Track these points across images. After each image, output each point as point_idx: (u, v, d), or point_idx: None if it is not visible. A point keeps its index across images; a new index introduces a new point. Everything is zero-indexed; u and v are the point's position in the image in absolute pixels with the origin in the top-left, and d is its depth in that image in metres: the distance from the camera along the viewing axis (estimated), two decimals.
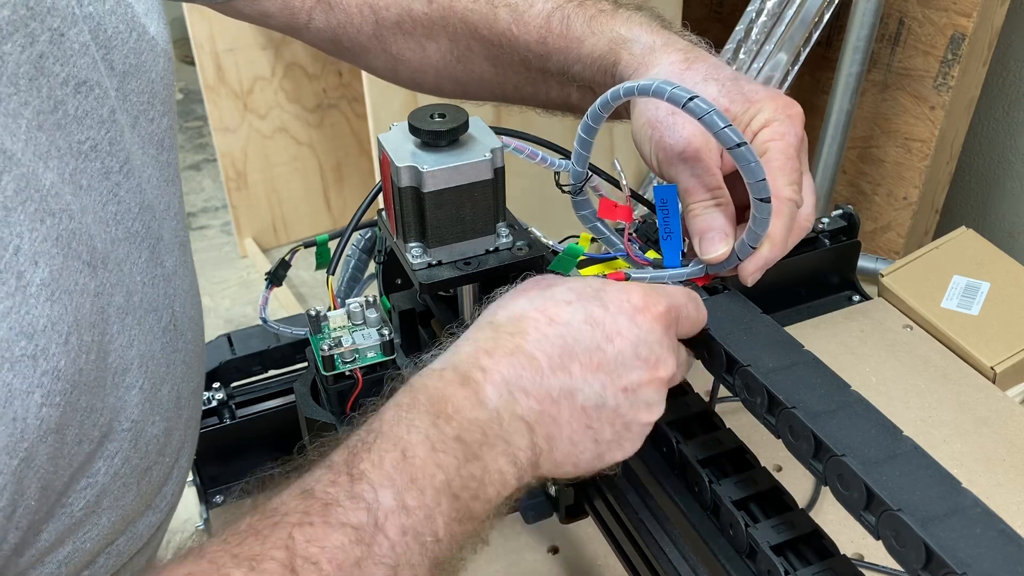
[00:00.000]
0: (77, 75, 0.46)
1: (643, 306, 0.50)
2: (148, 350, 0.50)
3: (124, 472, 0.48)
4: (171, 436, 0.54)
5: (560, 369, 0.48)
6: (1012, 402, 0.86)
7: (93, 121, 0.47)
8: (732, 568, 0.51)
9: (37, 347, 0.40)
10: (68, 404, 0.42)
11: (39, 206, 0.41)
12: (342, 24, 0.73)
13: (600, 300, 0.50)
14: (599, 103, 0.54)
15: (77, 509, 0.45)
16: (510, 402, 0.47)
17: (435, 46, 0.73)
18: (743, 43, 1.33)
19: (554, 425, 0.48)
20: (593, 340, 0.48)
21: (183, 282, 0.56)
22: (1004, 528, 0.41)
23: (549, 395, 0.47)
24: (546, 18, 0.67)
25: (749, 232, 0.54)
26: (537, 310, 0.49)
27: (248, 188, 2.35)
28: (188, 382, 0.56)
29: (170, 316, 0.54)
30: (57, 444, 0.41)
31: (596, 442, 0.49)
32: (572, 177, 0.59)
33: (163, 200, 0.54)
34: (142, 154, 0.53)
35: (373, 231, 0.72)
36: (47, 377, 0.40)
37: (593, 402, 0.48)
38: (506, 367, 0.47)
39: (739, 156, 0.49)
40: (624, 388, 0.49)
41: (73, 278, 0.43)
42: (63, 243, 0.42)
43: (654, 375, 0.50)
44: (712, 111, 0.49)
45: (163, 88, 0.55)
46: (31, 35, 0.43)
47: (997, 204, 1.61)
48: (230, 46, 2.14)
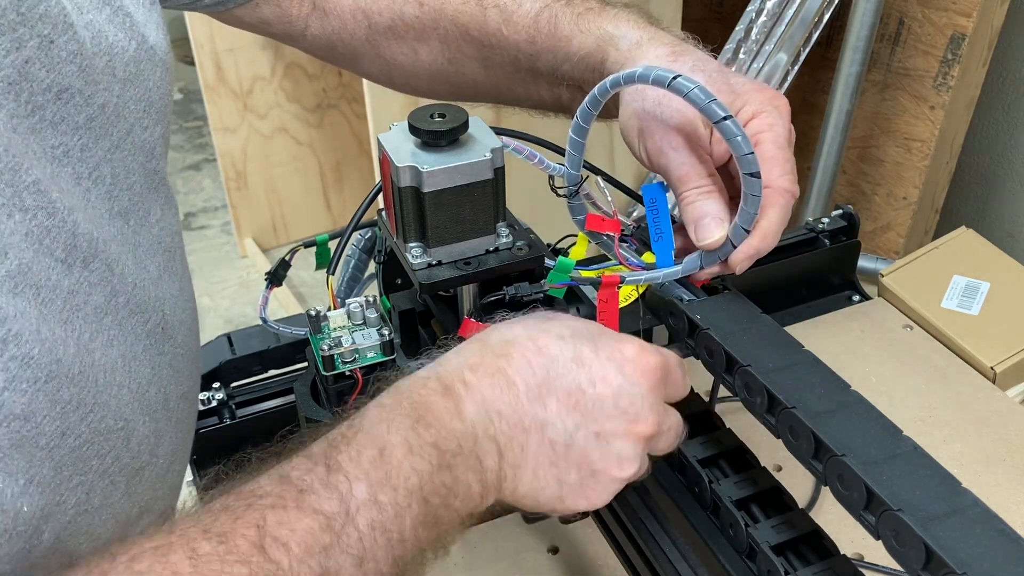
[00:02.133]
0: (61, 82, 0.46)
1: (633, 358, 0.50)
2: (131, 351, 0.50)
3: (114, 471, 0.48)
4: (161, 438, 0.54)
5: (536, 400, 0.48)
6: (1012, 402, 0.86)
7: (68, 127, 0.47)
8: (732, 568, 0.51)
9: (9, 332, 0.40)
10: (42, 392, 0.42)
11: (9, 200, 0.42)
12: (337, 31, 0.74)
13: (593, 343, 0.50)
14: (587, 101, 0.54)
15: (70, 507, 0.45)
16: (485, 421, 0.47)
17: (427, 49, 0.73)
18: (743, 43, 1.33)
19: (521, 454, 0.48)
20: (576, 380, 0.49)
21: (171, 287, 0.57)
22: (1004, 528, 0.41)
23: (521, 422, 0.48)
24: (534, 18, 0.67)
25: (742, 213, 0.53)
26: (529, 338, 0.50)
27: (248, 188, 2.35)
28: (177, 385, 0.57)
29: (159, 318, 0.54)
30: (26, 432, 0.42)
31: (559, 482, 0.49)
32: (567, 180, 0.59)
33: (143, 207, 0.55)
34: (130, 161, 0.53)
35: (373, 231, 0.72)
36: (15, 363, 0.41)
37: (562, 439, 0.48)
38: (487, 386, 0.48)
39: (725, 129, 0.49)
40: (597, 433, 0.49)
41: (44, 273, 0.43)
42: (34, 239, 0.43)
43: (631, 428, 0.49)
44: (696, 87, 0.49)
45: (159, 97, 0.56)
46: (18, 40, 0.44)
47: (997, 204, 1.61)
48: (230, 46, 2.14)
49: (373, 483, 0.43)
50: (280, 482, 0.42)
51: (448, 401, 0.47)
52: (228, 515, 0.40)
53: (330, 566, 0.40)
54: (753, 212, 0.53)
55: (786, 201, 0.55)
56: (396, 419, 0.45)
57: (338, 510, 0.42)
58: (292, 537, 0.40)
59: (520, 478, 0.48)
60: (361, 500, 0.42)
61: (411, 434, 0.45)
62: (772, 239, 0.55)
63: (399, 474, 0.44)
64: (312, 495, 0.42)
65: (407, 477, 0.44)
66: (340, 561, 0.41)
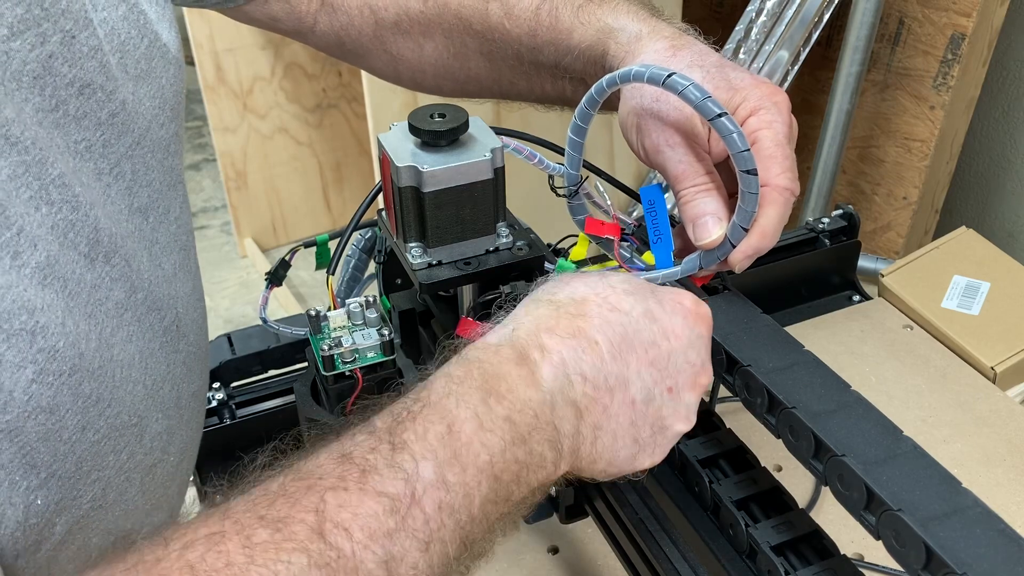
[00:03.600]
0: (83, 77, 0.47)
1: (693, 308, 0.50)
2: (147, 348, 0.50)
3: (129, 467, 0.48)
4: (173, 435, 0.54)
5: (619, 358, 0.47)
6: (1012, 402, 0.86)
7: (90, 123, 0.47)
8: (732, 568, 0.51)
9: (37, 324, 0.40)
10: (66, 386, 0.42)
11: (36, 193, 0.42)
12: (344, 27, 0.74)
13: (656, 297, 0.50)
14: (585, 101, 0.54)
15: (85, 502, 0.45)
16: (565, 385, 0.46)
17: (432, 44, 0.73)
18: (743, 43, 1.33)
19: (603, 415, 0.47)
20: (650, 334, 0.48)
21: (184, 285, 0.57)
22: (1004, 528, 0.41)
23: (606, 382, 0.47)
24: (535, 11, 0.67)
25: (739, 212, 0.53)
26: (598, 295, 0.49)
27: (248, 188, 2.35)
28: (189, 384, 0.57)
29: (173, 316, 0.54)
30: (51, 425, 0.41)
31: (635, 441, 0.49)
32: (566, 180, 0.58)
33: (162, 204, 0.55)
34: (149, 158, 0.53)
35: (373, 231, 0.72)
36: (42, 355, 0.40)
37: (642, 396, 0.48)
38: (567, 348, 0.46)
39: (720, 126, 0.49)
40: (670, 388, 0.49)
41: (69, 267, 0.43)
42: (59, 232, 0.43)
43: (697, 380, 0.50)
44: (691, 84, 0.49)
45: (172, 95, 0.56)
46: (42, 35, 0.44)
47: (997, 204, 1.61)
48: (230, 46, 2.14)
49: (441, 462, 0.41)
50: (341, 461, 0.40)
51: (523, 369, 0.45)
52: (285, 500, 0.39)
53: (395, 551, 0.39)
54: (751, 210, 0.52)
55: (785, 199, 0.54)
56: (466, 392, 0.44)
57: (403, 492, 0.40)
58: (354, 521, 0.38)
59: (600, 439, 0.47)
60: (428, 481, 0.40)
61: (482, 408, 0.43)
62: (771, 238, 0.55)
63: (469, 452, 0.42)
64: (375, 476, 0.40)
65: (477, 455, 0.42)
66: (406, 546, 0.39)
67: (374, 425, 0.43)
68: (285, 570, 0.36)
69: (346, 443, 0.42)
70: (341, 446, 0.42)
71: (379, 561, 0.38)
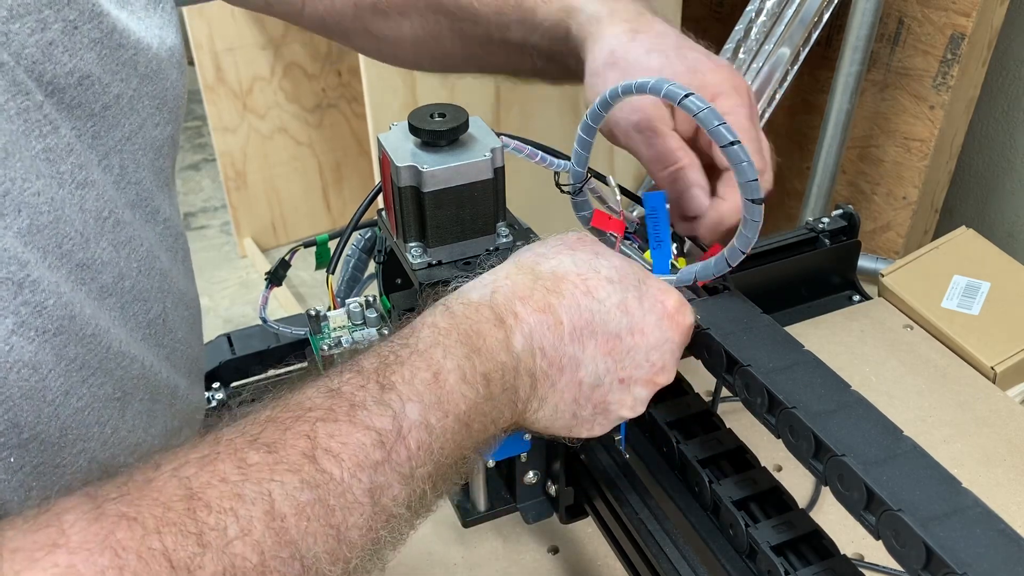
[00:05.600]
0: (82, 68, 0.48)
1: (673, 312, 0.52)
2: (129, 336, 0.51)
3: (114, 442, 0.49)
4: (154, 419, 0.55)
5: (577, 340, 0.49)
6: (1012, 402, 0.86)
7: (83, 113, 0.49)
8: (732, 568, 0.51)
9: (27, 277, 0.41)
10: (49, 345, 0.43)
11: (31, 164, 0.43)
12: (328, 8, 0.76)
13: (638, 291, 0.51)
14: (598, 103, 0.54)
15: (69, 472, 0.46)
16: (528, 356, 0.48)
17: (408, 24, 0.75)
18: (743, 43, 1.33)
19: (551, 389, 0.49)
20: (617, 327, 0.50)
21: (176, 284, 0.57)
22: (1004, 528, 0.41)
23: (559, 361, 0.49)
24: None
25: (740, 237, 0.53)
26: (579, 276, 0.50)
27: (247, 188, 2.35)
28: (174, 377, 0.57)
29: (160, 310, 0.55)
30: (34, 382, 0.42)
31: (574, 416, 0.51)
32: (572, 177, 0.59)
33: (151, 204, 0.56)
34: (140, 156, 0.54)
35: (373, 231, 0.72)
36: (26, 308, 0.41)
37: (591, 380, 0.50)
38: (536, 321, 0.48)
39: (732, 154, 0.49)
40: (622, 379, 0.51)
41: (55, 240, 0.44)
42: (56, 204, 0.44)
43: (653, 378, 0.52)
44: (707, 108, 0.49)
45: (173, 98, 0.57)
46: (43, 21, 0.45)
47: (997, 204, 1.61)
48: (229, 46, 2.14)
49: (426, 406, 0.44)
50: (330, 395, 0.42)
51: (500, 332, 0.47)
52: (275, 426, 0.40)
53: (380, 482, 0.41)
54: (752, 236, 0.53)
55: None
56: (451, 345, 0.46)
57: (390, 428, 0.42)
58: (344, 450, 0.40)
59: (542, 408, 0.50)
60: (413, 421, 0.43)
61: (465, 362, 0.46)
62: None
63: (450, 400, 0.44)
64: (364, 411, 0.42)
65: (457, 404, 0.45)
66: (390, 478, 0.41)
67: (360, 365, 0.45)
68: (279, 488, 0.38)
69: (334, 379, 0.44)
70: (329, 381, 0.43)
71: (365, 489, 0.40)
